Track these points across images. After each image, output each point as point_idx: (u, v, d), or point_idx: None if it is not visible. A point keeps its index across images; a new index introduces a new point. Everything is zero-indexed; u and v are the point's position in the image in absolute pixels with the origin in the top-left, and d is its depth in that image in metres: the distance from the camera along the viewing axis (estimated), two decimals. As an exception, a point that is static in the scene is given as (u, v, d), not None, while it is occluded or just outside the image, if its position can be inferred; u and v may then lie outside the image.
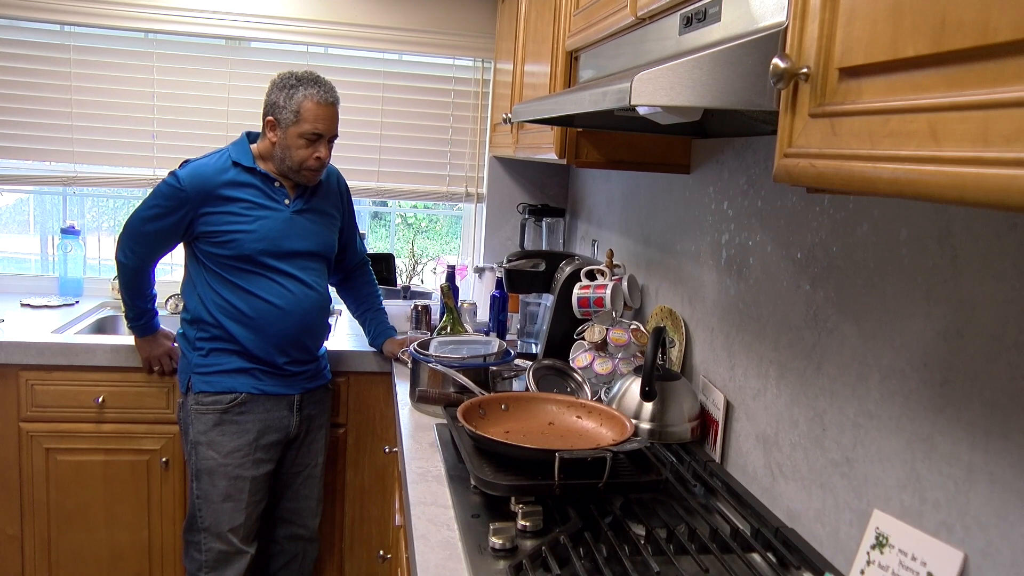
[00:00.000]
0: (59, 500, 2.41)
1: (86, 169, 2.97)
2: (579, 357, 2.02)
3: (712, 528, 1.32)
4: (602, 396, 1.90)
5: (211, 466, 2.09)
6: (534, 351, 2.44)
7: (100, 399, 2.37)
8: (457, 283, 2.88)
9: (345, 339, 2.60)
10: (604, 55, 1.62)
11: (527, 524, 1.30)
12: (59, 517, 2.42)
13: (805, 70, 0.77)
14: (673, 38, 1.21)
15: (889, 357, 1.15)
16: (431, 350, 2.01)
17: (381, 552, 2.18)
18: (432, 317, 2.63)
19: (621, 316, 2.03)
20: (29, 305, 2.79)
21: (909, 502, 1.10)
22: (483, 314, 2.83)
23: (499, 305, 2.68)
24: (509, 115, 1.92)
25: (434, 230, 3.84)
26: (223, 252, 2.06)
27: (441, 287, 2.48)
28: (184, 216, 2.06)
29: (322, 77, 2.10)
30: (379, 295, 2.50)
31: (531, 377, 1.99)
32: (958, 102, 0.57)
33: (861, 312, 1.22)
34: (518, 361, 2.11)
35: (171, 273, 3.02)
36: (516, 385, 2.09)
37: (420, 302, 2.67)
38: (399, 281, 3.04)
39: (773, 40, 0.90)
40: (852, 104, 0.71)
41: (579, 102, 1.18)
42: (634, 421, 1.62)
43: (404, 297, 2.95)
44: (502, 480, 1.37)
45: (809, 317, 1.36)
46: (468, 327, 2.62)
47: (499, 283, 2.66)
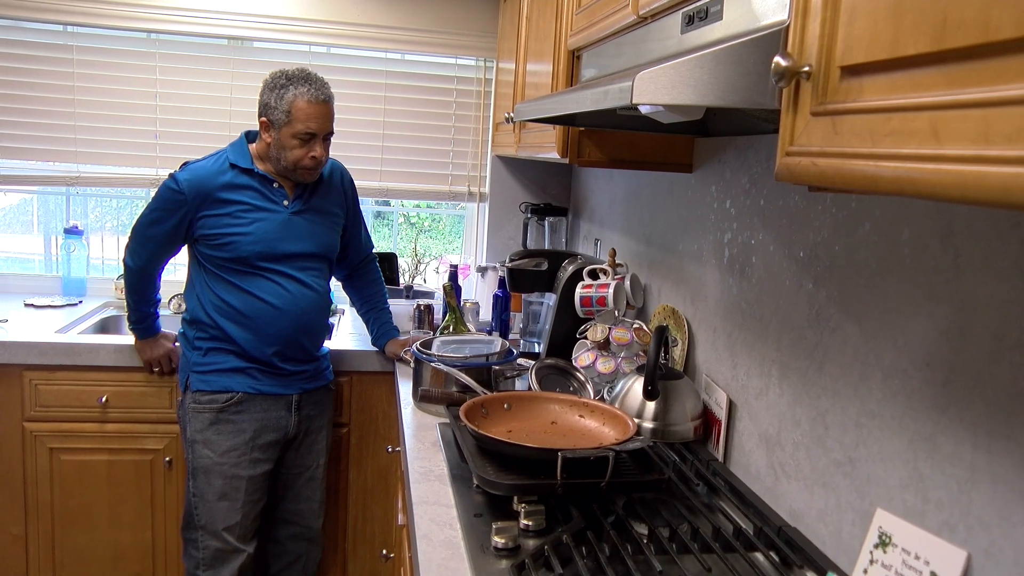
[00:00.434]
0: (63, 500, 2.41)
1: (89, 169, 2.98)
2: (582, 356, 2.02)
3: (715, 527, 1.32)
4: (605, 395, 1.90)
5: (207, 464, 2.09)
6: (537, 350, 2.44)
7: (103, 399, 2.37)
8: (460, 282, 2.89)
9: (347, 339, 2.60)
10: (606, 54, 1.62)
11: (530, 523, 1.30)
12: (63, 517, 2.42)
13: (807, 69, 0.77)
14: (675, 37, 1.21)
15: (891, 357, 1.15)
16: (434, 349, 2.01)
17: (384, 551, 2.18)
18: (435, 316, 2.63)
19: (624, 315, 2.03)
20: (33, 305, 2.79)
21: (912, 502, 1.09)
22: (486, 313, 2.83)
23: (502, 304, 2.68)
24: (511, 114, 1.92)
25: (437, 229, 3.84)
26: (221, 254, 2.07)
27: (444, 286, 2.48)
28: (183, 219, 2.06)
29: (314, 74, 2.05)
30: (384, 294, 2.49)
31: (533, 376, 1.99)
32: (959, 100, 0.57)
33: (863, 311, 1.22)
34: (521, 360, 2.11)
35: (174, 273, 3.03)
36: (519, 384, 2.08)
37: (423, 301, 2.67)
38: (402, 280, 3.04)
39: (775, 39, 0.90)
40: (853, 103, 0.71)
41: (581, 101, 1.18)
42: (637, 420, 1.62)
43: (407, 296, 2.94)
44: (505, 479, 1.37)
45: (811, 316, 1.36)
46: (471, 326, 2.62)
47: (502, 282, 2.66)
